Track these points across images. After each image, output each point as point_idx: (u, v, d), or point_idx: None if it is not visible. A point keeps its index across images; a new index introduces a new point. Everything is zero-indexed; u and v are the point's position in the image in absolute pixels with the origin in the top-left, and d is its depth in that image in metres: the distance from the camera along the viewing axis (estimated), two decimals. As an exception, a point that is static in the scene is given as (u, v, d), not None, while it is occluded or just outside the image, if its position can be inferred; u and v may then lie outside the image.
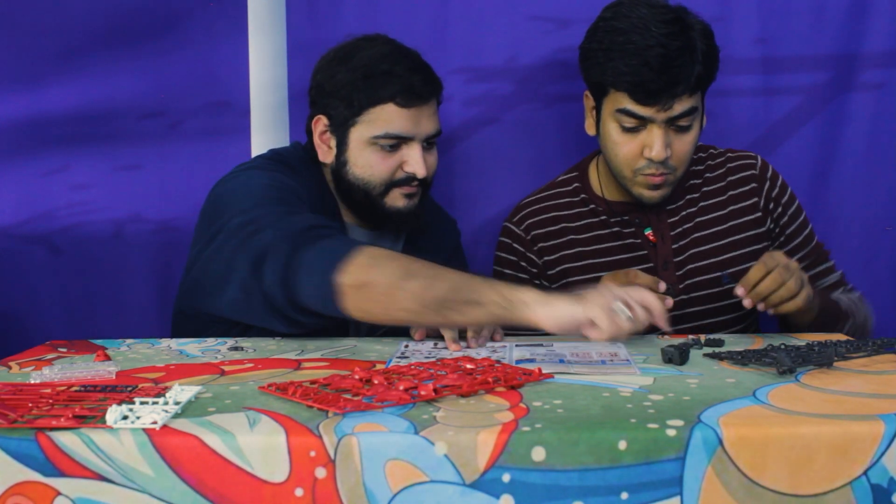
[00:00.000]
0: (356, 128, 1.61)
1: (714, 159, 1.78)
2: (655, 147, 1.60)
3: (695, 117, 1.63)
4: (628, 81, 1.57)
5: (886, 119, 2.00)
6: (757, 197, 1.74)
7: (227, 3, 1.97)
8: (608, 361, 1.30)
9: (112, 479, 0.95)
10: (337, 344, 1.48)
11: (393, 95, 1.59)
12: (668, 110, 1.58)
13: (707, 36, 1.61)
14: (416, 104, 1.60)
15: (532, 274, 1.78)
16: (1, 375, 1.25)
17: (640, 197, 1.68)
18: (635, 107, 1.59)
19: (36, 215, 1.95)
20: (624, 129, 1.63)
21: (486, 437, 0.94)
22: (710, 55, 1.61)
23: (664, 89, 1.56)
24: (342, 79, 1.61)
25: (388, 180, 1.62)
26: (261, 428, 0.97)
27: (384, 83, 1.59)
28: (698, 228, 1.73)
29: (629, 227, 1.74)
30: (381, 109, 1.59)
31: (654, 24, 1.56)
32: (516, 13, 1.98)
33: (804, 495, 0.95)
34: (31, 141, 1.96)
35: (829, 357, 1.25)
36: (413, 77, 1.59)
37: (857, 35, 1.98)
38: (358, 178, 1.63)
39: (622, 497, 0.94)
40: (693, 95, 1.60)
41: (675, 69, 1.55)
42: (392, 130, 1.60)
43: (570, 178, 1.82)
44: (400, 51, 1.63)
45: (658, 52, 1.54)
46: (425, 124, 1.62)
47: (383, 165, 1.61)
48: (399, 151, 1.61)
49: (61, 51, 1.95)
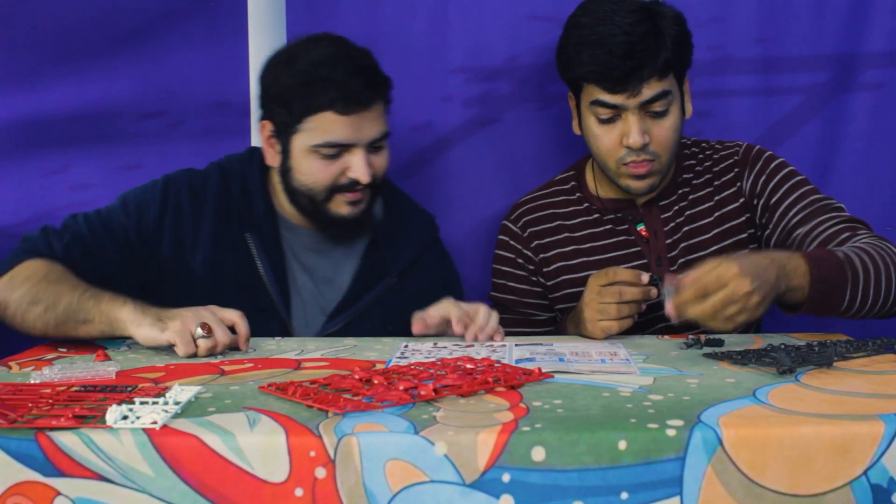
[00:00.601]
0: (297, 136, 1.58)
1: (704, 152, 1.79)
2: (632, 134, 1.61)
3: (669, 101, 1.63)
4: (594, 71, 1.59)
5: (886, 119, 2.00)
6: (740, 182, 1.73)
7: (227, 3, 1.96)
8: (608, 360, 1.30)
9: (112, 479, 0.95)
10: (337, 344, 1.48)
11: (331, 103, 1.53)
12: (637, 96, 1.60)
13: (678, 22, 1.63)
14: (356, 110, 1.54)
15: (529, 271, 1.78)
16: (1, 375, 1.25)
17: (628, 188, 1.69)
18: (606, 96, 1.61)
19: (36, 215, 1.95)
20: (601, 120, 1.64)
21: (486, 437, 0.94)
22: (681, 40, 1.63)
23: (629, 74, 1.58)
24: (282, 84, 1.57)
25: (330, 186, 1.59)
26: (261, 428, 0.97)
27: (322, 90, 1.53)
28: (688, 222, 1.73)
29: (622, 224, 1.75)
30: (321, 117, 1.55)
31: (620, 14, 1.59)
32: (516, 13, 1.98)
33: (804, 495, 0.95)
34: (31, 141, 1.95)
35: (829, 357, 1.25)
36: (352, 82, 1.54)
37: (857, 35, 1.98)
38: (302, 184, 1.60)
39: (622, 497, 0.94)
40: (663, 79, 1.61)
41: (638, 54, 1.57)
42: (332, 139, 1.55)
43: (568, 177, 1.84)
44: (341, 53, 1.58)
45: (621, 40, 1.57)
46: (368, 129, 1.57)
47: (325, 173, 1.58)
48: (342, 158, 1.57)
49: (61, 51, 1.95)
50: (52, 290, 1.43)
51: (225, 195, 1.64)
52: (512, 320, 1.78)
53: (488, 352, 1.38)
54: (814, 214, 1.61)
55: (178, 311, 1.36)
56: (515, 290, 1.79)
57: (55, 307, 1.42)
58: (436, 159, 2.01)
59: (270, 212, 1.65)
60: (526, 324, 1.78)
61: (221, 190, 1.64)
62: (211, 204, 1.62)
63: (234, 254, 1.61)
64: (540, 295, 1.78)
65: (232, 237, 1.61)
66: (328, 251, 1.67)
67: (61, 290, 1.43)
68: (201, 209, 1.62)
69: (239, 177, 1.66)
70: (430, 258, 1.76)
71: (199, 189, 1.64)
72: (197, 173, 1.67)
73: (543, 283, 1.77)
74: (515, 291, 1.79)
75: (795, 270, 1.38)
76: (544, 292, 1.78)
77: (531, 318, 1.79)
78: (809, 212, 1.62)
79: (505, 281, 1.80)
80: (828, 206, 1.63)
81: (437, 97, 1.99)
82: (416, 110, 1.99)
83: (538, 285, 1.78)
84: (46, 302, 1.42)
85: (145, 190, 1.63)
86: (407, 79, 1.98)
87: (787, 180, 1.68)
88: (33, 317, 1.43)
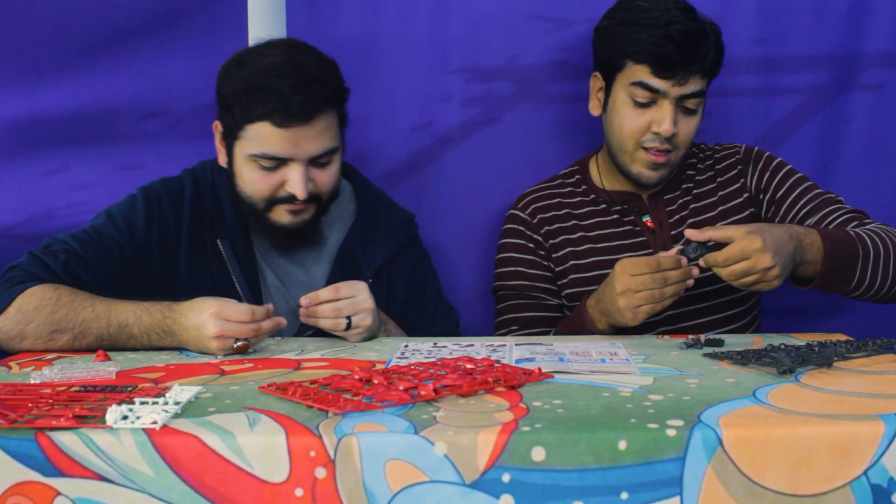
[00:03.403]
0: (238, 142, 1.54)
1: (704, 153, 1.85)
2: (665, 122, 1.65)
3: (701, 102, 1.70)
4: (651, 52, 1.63)
5: (886, 119, 2.00)
6: (743, 178, 1.78)
7: (227, 3, 1.96)
8: (608, 360, 1.30)
9: (112, 479, 0.95)
10: (337, 344, 1.48)
11: (268, 114, 1.48)
12: (682, 85, 1.64)
13: (716, 30, 1.70)
14: (294, 124, 1.48)
15: (541, 256, 1.79)
16: (1, 375, 1.25)
17: (639, 177, 1.72)
18: (653, 79, 1.65)
19: (36, 215, 1.95)
20: (636, 103, 1.68)
21: (486, 437, 0.94)
22: (720, 48, 1.70)
23: (683, 63, 1.63)
24: (229, 88, 1.54)
25: (269, 198, 1.55)
26: (261, 428, 0.97)
27: (260, 100, 1.49)
28: (693, 215, 1.77)
29: (629, 215, 1.78)
30: (258, 127, 1.50)
31: (673, 6, 1.65)
32: (516, 13, 1.98)
33: (804, 495, 0.95)
34: (31, 141, 1.95)
35: (829, 357, 1.25)
36: (293, 96, 1.47)
37: (857, 35, 1.98)
38: (243, 191, 1.57)
39: (622, 497, 0.94)
40: (704, 78, 1.68)
41: (693, 46, 1.63)
42: (268, 151, 1.51)
43: (572, 171, 1.87)
44: (290, 63, 1.51)
45: (680, 28, 1.62)
46: (308, 145, 1.51)
47: (263, 184, 1.54)
48: (280, 170, 1.53)
49: (61, 51, 1.95)
50: (72, 317, 1.42)
51: (198, 203, 1.63)
52: (525, 305, 1.78)
53: (488, 352, 1.38)
54: (820, 206, 1.69)
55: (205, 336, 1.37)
56: (527, 275, 1.79)
57: (85, 335, 1.42)
58: (436, 159, 2.01)
59: (241, 218, 1.63)
60: (538, 308, 1.78)
61: (195, 197, 1.63)
62: (187, 212, 1.62)
63: (209, 261, 1.60)
64: (550, 280, 1.79)
65: (206, 244, 1.61)
66: (299, 256, 1.65)
67: (84, 318, 1.42)
68: (180, 217, 1.61)
69: (209, 184, 1.64)
70: (407, 258, 1.73)
71: (176, 197, 1.63)
72: (172, 181, 1.65)
73: (553, 269, 1.78)
74: (527, 276, 1.79)
75: (811, 245, 1.49)
76: (554, 277, 1.78)
77: (543, 302, 1.78)
78: (816, 204, 1.70)
79: (515, 268, 1.80)
80: (831, 198, 1.71)
81: (437, 97, 1.99)
82: (416, 110, 1.99)
83: (549, 270, 1.79)
84: (73, 331, 1.41)
85: (128, 204, 1.61)
86: (407, 79, 1.98)
87: (789, 176, 1.75)
88: (60, 345, 1.42)
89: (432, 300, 1.75)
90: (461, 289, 2.00)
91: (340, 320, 1.48)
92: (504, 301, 1.81)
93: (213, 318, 1.36)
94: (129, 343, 1.42)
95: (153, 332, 1.41)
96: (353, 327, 1.49)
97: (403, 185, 1.99)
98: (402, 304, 1.69)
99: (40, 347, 1.43)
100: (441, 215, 2.00)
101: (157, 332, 1.41)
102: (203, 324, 1.36)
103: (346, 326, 1.49)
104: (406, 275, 1.71)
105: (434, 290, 1.77)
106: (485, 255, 1.97)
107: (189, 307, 1.40)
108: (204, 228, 1.62)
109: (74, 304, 1.43)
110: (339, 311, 1.48)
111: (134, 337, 1.42)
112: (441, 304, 1.76)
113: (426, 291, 1.74)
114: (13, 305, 1.43)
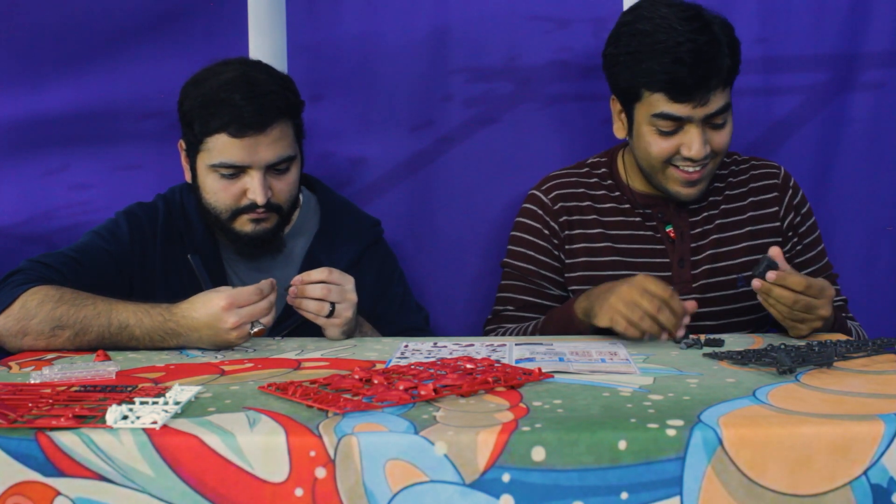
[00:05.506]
0: (200, 154, 1.63)
1: (738, 165, 1.79)
2: (694, 147, 1.61)
3: (728, 114, 1.64)
4: (663, 80, 1.58)
5: (886, 119, 2.00)
6: (778, 206, 1.75)
7: (227, 3, 1.96)
8: (608, 360, 1.30)
9: (112, 479, 0.95)
10: (337, 344, 1.48)
11: (225, 126, 1.57)
12: (704, 106, 1.59)
13: (727, 28, 1.63)
14: (249, 134, 1.57)
15: (553, 244, 1.77)
16: (1, 375, 1.25)
17: (678, 195, 1.68)
18: (672, 107, 1.59)
19: (36, 215, 1.95)
20: (661, 132, 1.63)
21: (486, 437, 0.94)
22: (734, 47, 1.63)
23: (699, 84, 1.57)
24: (188, 105, 1.62)
25: (232, 207, 1.62)
26: (261, 428, 0.97)
27: (216, 113, 1.58)
28: (718, 230, 1.73)
29: (652, 220, 1.74)
30: (216, 139, 1.59)
31: (678, 21, 1.57)
32: (516, 13, 1.98)
33: (804, 495, 0.95)
34: (31, 141, 1.95)
35: (829, 357, 1.25)
36: (247, 107, 1.56)
37: (857, 35, 1.98)
38: (208, 202, 1.64)
39: (622, 497, 0.94)
40: (725, 90, 1.62)
41: (706, 63, 1.56)
42: (226, 160, 1.59)
43: (600, 161, 1.82)
44: (243, 78, 1.60)
45: (688, 48, 1.56)
46: (264, 153, 1.59)
47: (226, 193, 1.62)
48: (240, 179, 1.61)
49: (61, 51, 1.95)
50: (74, 314, 1.43)
51: (170, 222, 1.70)
52: (525, 289, 1.77)
53: (488, 351, 1.38)
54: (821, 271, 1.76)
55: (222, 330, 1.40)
56: (534, 260, 1.77)
57: (86, 332, 1.43)
58: (436, 159, 2.01)
59: (210, 233, 1.70)
60: (538, 295, 1.77)
61: (167, 218, 1.70)
62: (161, 231, 1.68)
63: (182, 274, 1.65)
64: (556, 270, 1.77)
65: (178, 260, 1.66)
66: (266, 264, 1.70)
67: (85, 314, 1.43)
68: (155, 236, 1.68)
69: (178, 205, 1.72)
70: (371, 259, 1.76)
71: (153, 218, 1.70)
72: (148, 205, 1.72)
73: (562, 260, 1.76)
74: (534, 262, 1.77)
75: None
76: (561, 269, 1.77)
77: (544, 290, 1.77)
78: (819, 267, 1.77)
79: (524, 250, 1.78)
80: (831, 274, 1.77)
81: (437, 97, 1.99)
82: (416, 110, 1.99)
83: (557, 260, 1.76)
84: (75, 328, 1.43)
85: (111, 225, 1.68)
86: (407, 79, 1.98)
87: (813, 231, 1.78)
88: (61, 342, 1.44)
89: (398, 295, 1.78)
90: (461, 288, 2.00)
91: (325, 305, 1.50)
92: (508, 278, 1.79)
93: (227, 311, 1.39)
94: (131, 343, 1.44)
95: (155, 334, 1.43)
96: (334, 316, 1.50)
97: (403, 185, 2.00)
98: (369, 300, 1.70)
99: (41, 345, 1.44)
100: (440, 214, 2.00)
101: (159, 334, 1.43)
102: (217, 319, 1.39)
103: (328, 314, 1.50)
104: (373, 273, 1.75)
105: (400, 287, 1.80)
106: (485, 254, 1.97)
107: (191, 307, 1.41)
108: (175, 245, 1.68)
109: (76, 302, 1.44)
110: (328, 293, 1.50)
111: (136, 338, 1.43)
112: (407, 300, 1.79)
113: (392, 287, 1.77)
114: (17, 302, 1.45)
